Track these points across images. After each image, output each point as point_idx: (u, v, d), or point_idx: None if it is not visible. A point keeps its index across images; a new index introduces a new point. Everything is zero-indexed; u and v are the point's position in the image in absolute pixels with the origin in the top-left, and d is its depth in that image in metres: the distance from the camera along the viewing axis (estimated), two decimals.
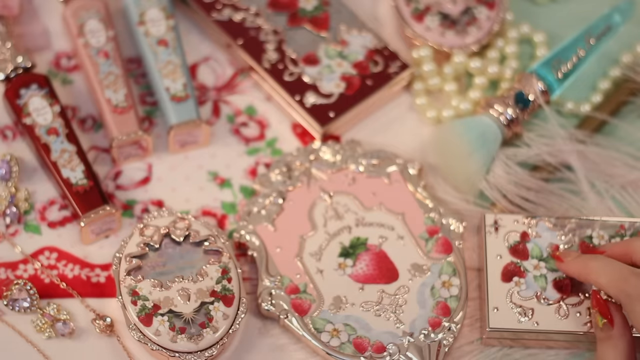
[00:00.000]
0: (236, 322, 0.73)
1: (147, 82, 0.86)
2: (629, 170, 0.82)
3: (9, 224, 0.79)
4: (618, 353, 0.69)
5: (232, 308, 0.74)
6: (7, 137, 0.83)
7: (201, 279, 0.74)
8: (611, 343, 0.70)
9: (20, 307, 0.75)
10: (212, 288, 0.74)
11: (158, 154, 0.84)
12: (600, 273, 0.70)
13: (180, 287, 0.74)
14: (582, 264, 0.72)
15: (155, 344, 0.72)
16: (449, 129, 0.82)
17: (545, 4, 0.92)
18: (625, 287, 0.68)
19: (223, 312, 0.73)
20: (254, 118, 0.86)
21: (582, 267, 0.72)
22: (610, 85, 0.87)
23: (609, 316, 0.70)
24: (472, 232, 0.80)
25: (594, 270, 0.71)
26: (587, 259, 0.72)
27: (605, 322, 0.70)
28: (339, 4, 0.88)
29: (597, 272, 0.70)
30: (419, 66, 0.86)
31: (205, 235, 0.76)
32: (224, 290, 0.74)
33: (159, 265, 0.75)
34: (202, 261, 0.75)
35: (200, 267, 0.75)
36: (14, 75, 0.81)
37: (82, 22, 0.84)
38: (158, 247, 0.76)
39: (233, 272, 0.75)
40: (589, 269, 0.71)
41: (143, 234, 0.76)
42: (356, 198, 0.80)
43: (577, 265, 0.73)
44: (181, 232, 0.76)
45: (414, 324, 0.75)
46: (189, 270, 0.75)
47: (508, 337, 0.75)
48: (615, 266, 0.70)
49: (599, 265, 0.71)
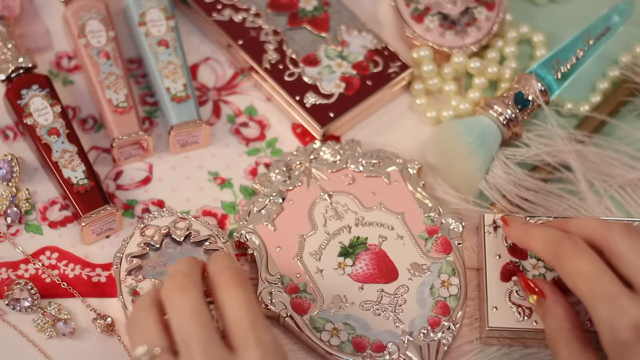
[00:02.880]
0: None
1: (147, 82, 0.86)
2: (628, 170, 0.82)
3: (10, 224, 0.79)
4: (559, 320, 0.70)
5: None
6: (8, 137, 0.83)
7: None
8: (550, 313, 0.71)
9: (22, 306, 0.75)
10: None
11: (158, 154, 0.84)
12: (537, 238, 0.72)
13: None
14: (523, 230, 0.74)
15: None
16: (448, 129, 0.82)
17: (544, 5, 0.92)
18: (557, 250, 0.69)
19: None
20: (254, 118, 0.86)
21: (523, 234, 0.73)
22: (609, 86, 0.87)
23: (536, 290, 0.72)
24: (472, 231, 0.80)
25: (532, 237, 0.72)
26: (529, 226, 0.74)
27: (537, 298, 0.72)
28: (339, 5, 0.88)
29: (535, 237, 0.72)
30: (419, 66, 0.87)
31: (206, 235, 0.77)
32: None
33: (159, 265, 0.75)
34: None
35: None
36: (15, 76, 0.81)
37: (83, 22, 0.84)
38: (159, 246, 0.76)
39: None
40: (529, 235, 0.73)
41: (144, 233, 0.77)
42: (356, 198, 0.80)
43: (519, 232, 0.74)
44: (182, 232, 0.77)
45: (414, 323, 0.75)
46: None
47: (507, 336, 0.75)
48: (551, 232, 0.71)
49: (537, 232, 0.72)
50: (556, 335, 0.71)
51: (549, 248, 0.70)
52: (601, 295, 0.66)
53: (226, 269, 0.66)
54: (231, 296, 0.64)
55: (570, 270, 0.68)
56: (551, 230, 0.71)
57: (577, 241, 0.69)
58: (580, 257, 0.68)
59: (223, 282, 0.66)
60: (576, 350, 0.69)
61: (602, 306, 0.66)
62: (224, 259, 0.68)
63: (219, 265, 0.67)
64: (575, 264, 0.68)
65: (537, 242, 0.72)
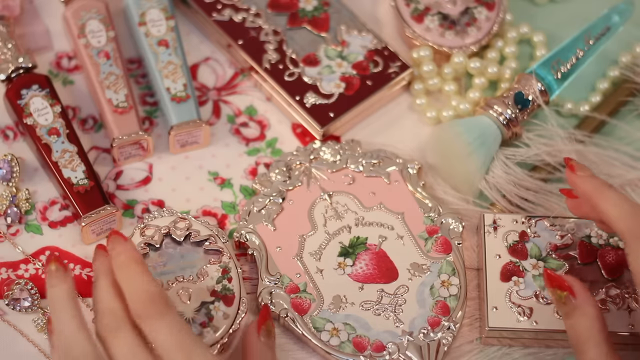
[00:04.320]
0: (236, 321, 0.74)
1: (147, 82, 0.86)
2: (628, 170, 0.82)
3: (10, 224, 0.79)
4: (589, 319, 0.67)
5: (233, 307, 0.74)
6: (8, 137, 0.83)
7: (201, 279, 0.75)
8: (579, 312, 0.68)
9: (22, 306, 0.75)
10: (212, 288, 0.74)
11: (158, 154, 0.84)
12: (615, 204, 0.68)
13: (180, 287, 0.74)
14: (597, 186, 0.70)
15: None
16: (448, 129, 0.82)
17: (544, 5, 0.92)
18: (635, 227, 0.66)
19: (223, 311, 0.73)
20: (254, 118, 0.86)
21: (596, 189, 0.69)
22: (609, 86, 0.87)
23: (567, 287, 0.68)
24: (472, 231, 0.80)
25: (608, 199, 0.68)
26: (603, 183, 0.70)
27: (566, 295, 0.68)
28: (339, 5, 0.88)
29: (612, 202, 0.68)
30: (419, 66, 0.87)
31: (206, 235, 0.76)
32: (224, 289, 0.74)
33: (159, 265, 0.75)
34: (203, 261, 0.75)
35: (200, 267, 0.75)
36: (15, 76, 0.82)
37: (83, 22, 0.84)
38: (159, 246, 0.76)
39: (233, 272, 0.75)
40: (604, 195, 0.69)
41: (144, 233, 0.76)
42: (356, 198, 0.80)
43: (591, 185, 0.70)
44: (182, 232, 0.77)
45: (414, 323, 0.75)
46: (190, 270, 0.75)
47: (507, 336, 0.75)
48: (633, 204, 0.67)
49: (615, 196, 0.68)
50: (585, 336, 0.67)
51: (627, 221, 0.66)
52: None
53: (121, 254, 0.67)
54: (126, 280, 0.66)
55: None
56: (630, 201, 0.68)
57: None
58: None
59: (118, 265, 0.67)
60: (605, 352, 0.66)
61: None
62: (117, 243, 0.68)
63: (116, 250, 0.68)
64: None
65: (612, 207, 0.67)
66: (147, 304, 0.65)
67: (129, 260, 0.67)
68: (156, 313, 0.64)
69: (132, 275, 0.66)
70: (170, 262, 0.75)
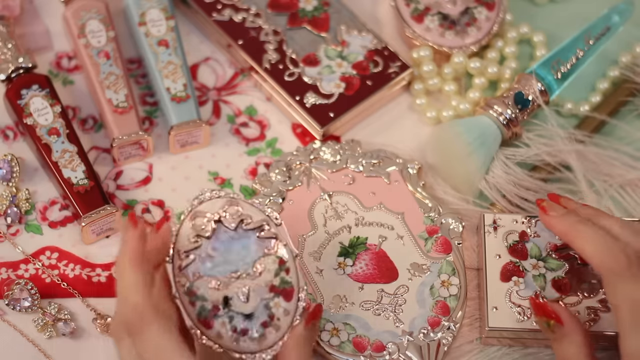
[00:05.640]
0: (296, 315, 0.69)
1: (147, 82, 0.86)
2: (628, 170, 0.82)
3: (10, 224, 0.80)
4: (577, 346, 0.68)
5: (292, 302, 0.69)
6: (8, 137, 0.83)
7: (258, 273, 0.69)
8: (568, 340, 0.69)
9: (22, 306, 0.75)
10: (270, 282, 0.69)
11: (158, 154, 0.84)
12: (589, 240, 0.68)
13: (237, 285, 0.69)
14: (571, 223, 0.70)
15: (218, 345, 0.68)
16: (448, 129, 0.82)
17: (544, 5, 0.92)
18: (611, 263, 0.67)
19: (284, 307, 0.69)
20: (254, 118, 0.86)
21: (570, 227, 0.70)
22: (609, 86, 0.87)
23: (554, 315, 0.70)
24: (472, 231, 0.80)
25: (582, 235, 0.69)
26: (576, 220, 0.70)
27: (553, 323, 0.69)
28: (339, 5, 0.88)
29: (586, 238, 0.69)
30: (419, 66, 0.87)
31: (259, 222, 0.70)
32: (282, 283, 0.70)
33: (213, 259, 0.69)
34: (258, 251, 0.70)
35: (257, 259, 0.70)
36: (15, 76, 0.82)
37: (83, 22, 0.84)
38: (209, 236, 0.69)
39: (290, 262, 0.70)
40: (577, 232, 0.69)
41: (194, 222, 0.69)
42: (356, 198, 0.80)
43: (565, 224, 0.71)
44: (233, 219, 0.70)
45: (414, 323, 0.75)
46: (244, 263, 0.69)
47: (507, 336, 0.75)
48: (607, 239, 0.68)
49: (588, 232, 0.69)
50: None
51: (602, 257, 0.67)
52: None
53: (125, 243, 0.68)
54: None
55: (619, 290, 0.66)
56: (605, 235, 0.68)
57: (632, 260, 0.66)
58: (633, 280, 0.66)
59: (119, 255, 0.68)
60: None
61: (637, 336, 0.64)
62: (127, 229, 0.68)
63: (123, 238, 0.69)
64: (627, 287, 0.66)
65: (586, 243, 0.68)
66: (128, 316, 0.65)
67: (124, 257, 0.67)
68: (135, 327, 0.65)
69: (123, 277, 0.67)
70: (223, 254, 0.69)
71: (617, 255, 0.67)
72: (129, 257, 0.67)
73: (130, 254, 0.67)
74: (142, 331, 0.65)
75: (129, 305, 0.65)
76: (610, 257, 0.67)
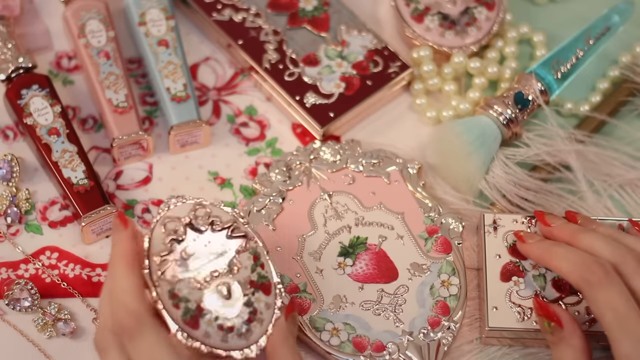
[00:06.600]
0: (275, 308, 0.70)
1: (147, 82, 0.86)
2: (628, 170, 0.82)
3: (10, 224, 0.80)
4: (575, 351, 0.69)
5: (271, 295, 0.70)
6: (8, 137, 0.83)
7: (236, 271, 0.70)
8: (565, 343, 0.69)
9: (22, 306, 0.75)
10: (249, 278, 0.70)
11: (158, 154, 0.84)
12: (563, 259, 0.70)
13: (218, 283, 0.69)
14: (545, 248, 0.72)
15: (205, 345, 0.68)
16: (448, 129, 0.82)
17: (544, 5, 0.92)
18: (587, 275, 0.68)
19: (265, 301, 0.70)
20: (254, 118, 0.86)
21: (544, 252, 0.72)
22: (609, 86, 0.87)
23: (555, 318, 0.70)
24: (472, 231, 0.80)
25: (556, 256, 0.71)
26: (550, 244, 0.72)
27: (553, 325, 0.70)
28: (339, 5, 0.88)
29: (560, 257, 0.70)
30: (419, 66, 0.87)
31: (229, 221, 0.71)
32: (260, 278, 0.71)
33: (190, 260, 0.70)
34: (232, 250, 0.71)
35: (231, 257, 0.70)
36: (15, 76, 0.82)
37: (83, 22, 0.84)
38: (182, 240, 0.70)
39: (263, 257, 0.71)
40: (552, 254, 0.71)
41: (165, 228, 0.70)
42: (356, 198, 0.80)
43: (539, 249, 0.73)
44: (204, 221, 0.71)
45: (414, 323, 0.75)
46: (221, 262, 0.70)
47: (507, 336, 0.75)
48: (578, 253, 0.70)
49: (562, 252, 0.71)
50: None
51: (578, 272, 0.68)
52: (627, 330, 0.65)
53: (115, 244, 0.68)
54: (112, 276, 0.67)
55: (600, 300, 0.67)
56: (576, 251, 0.70)
57: (607, 269, 0.68)
58: (611, 287, 0.67)
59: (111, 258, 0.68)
60: None
61: (625, 340, 0.65)
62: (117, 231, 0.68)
63: (113, 239, 0.68)
64: (606, 295, 0.67)
65: (561, 262, 0.70)
66: (123, 321, 0.65)
67: (116, 258, 0.67)
68: (129, 332, 0.64)
69: (115, 279, 0.66)
70: (200, 255, 0.70)
71: (592, 267, 0.68)
72: (122, 260, 0.66)
73: (123, 256, 0.66)
74: (137, 336, 0.64)
75: (126, 310, 0.65)
76: (586, 269, 0.68)
